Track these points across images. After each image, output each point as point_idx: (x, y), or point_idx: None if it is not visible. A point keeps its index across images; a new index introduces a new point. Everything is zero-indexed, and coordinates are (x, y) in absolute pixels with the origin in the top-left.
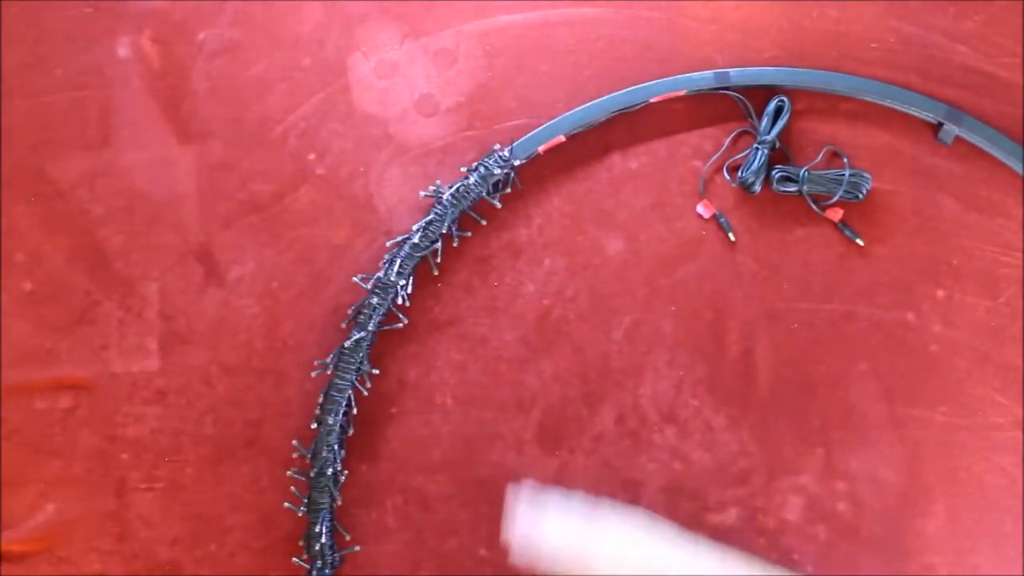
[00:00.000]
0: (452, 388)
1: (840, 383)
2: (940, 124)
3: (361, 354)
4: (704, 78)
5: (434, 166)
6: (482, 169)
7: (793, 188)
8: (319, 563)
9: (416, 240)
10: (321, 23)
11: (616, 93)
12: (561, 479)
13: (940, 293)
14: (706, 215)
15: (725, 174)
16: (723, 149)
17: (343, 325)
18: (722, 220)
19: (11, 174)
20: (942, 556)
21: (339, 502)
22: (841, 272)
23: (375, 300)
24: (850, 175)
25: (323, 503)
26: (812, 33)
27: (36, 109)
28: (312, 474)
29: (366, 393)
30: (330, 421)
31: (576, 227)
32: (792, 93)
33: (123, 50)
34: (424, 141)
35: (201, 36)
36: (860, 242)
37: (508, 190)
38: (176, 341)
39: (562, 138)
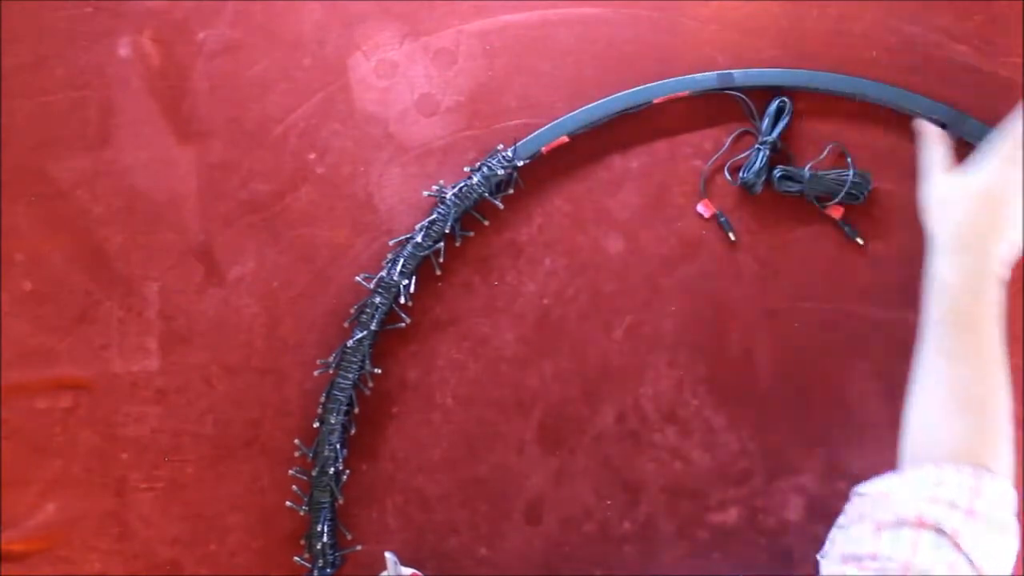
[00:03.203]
0: (453, 388)
1: (840, 383)
2: (944, 125)
3: (363, 353)
4: (707, 79)
5: (434, 166)
6: (485, 169)
7: (794, 188)
8: (320, 562)
9: (419, 239)
10: (321, 23)
11: (621, 93)
12: (561, 479)
13: None
14: (707, 215)
15: (726, 174)
16: (724, 149)
17: (345, 324)
18: (723, 220)
19: (11, 174)
20: None
21: (340, 501)
22: (841, 272)
23: (378, 299)
24: (852, 176)
25: (324, 502)
26: (812, 33)
27: (36, 109)
28: (314, 473)
29: (367, 392)
30: (332, 420)
31: (577, 227)
32: (793, 93)
33: (123, 50)
34: (424, 141)
35: (201, 36)
36: (860, 241)
37: (510, 191)
38: (176, 341)
39: (566, 138)
